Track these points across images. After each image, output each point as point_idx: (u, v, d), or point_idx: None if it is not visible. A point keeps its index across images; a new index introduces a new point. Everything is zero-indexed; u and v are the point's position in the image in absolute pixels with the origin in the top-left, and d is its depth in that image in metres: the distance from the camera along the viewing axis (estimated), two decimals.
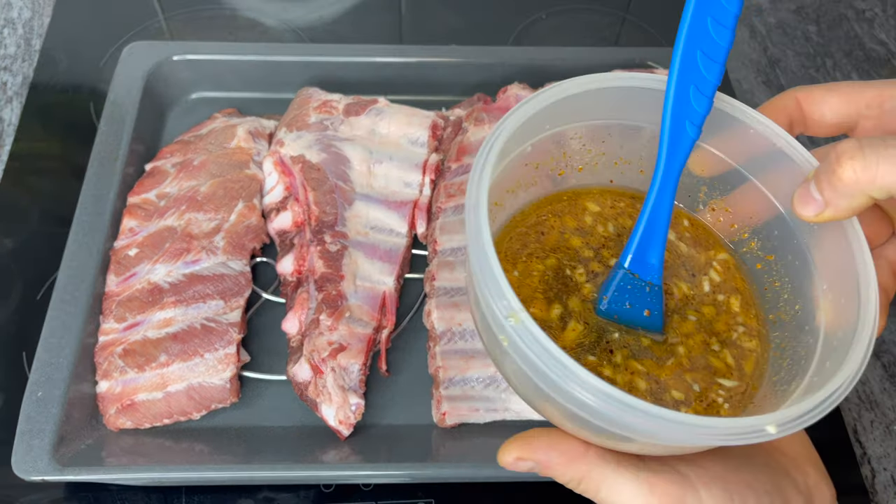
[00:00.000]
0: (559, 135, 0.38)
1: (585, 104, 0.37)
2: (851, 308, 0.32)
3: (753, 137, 0.36)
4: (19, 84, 0.72)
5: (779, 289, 0.38)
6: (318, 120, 0.62)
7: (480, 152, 0.34)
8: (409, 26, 0.80)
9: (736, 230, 0.40)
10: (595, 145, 0.40)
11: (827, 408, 0.29)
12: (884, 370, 0.59)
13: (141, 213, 0.58)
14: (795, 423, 0.28)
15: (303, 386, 0.52)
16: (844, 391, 0.30)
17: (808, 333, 0.34)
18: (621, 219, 0.41)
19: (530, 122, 0.35)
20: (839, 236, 0.33)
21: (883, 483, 0.54)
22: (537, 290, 0.37)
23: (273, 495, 0.51)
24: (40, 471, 0.46)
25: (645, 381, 0.35)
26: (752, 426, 0.28)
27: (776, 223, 0.37)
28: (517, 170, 0.38)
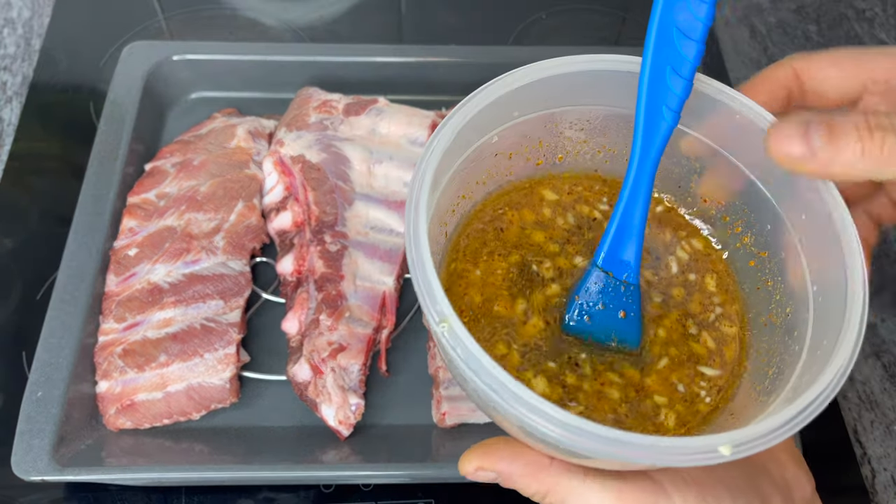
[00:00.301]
0: (531, 123, 0.36)
1: (555, 89, 0.35)
2: (837, 315, 0.30)
3: (742, 124, 0.34)
4: (19, 84, 0.72)
5: (771, 288, 0.36)
6: (317, 120, 0.62)
7: (427, 145, 0.32)
8: (409, 26, 0.80)
9: (729, 223, 0.38)
10: (574, 133, 0.38)
11: (791, 428, 0.27)
12: (884, 370, 0.59)
13: (141, 213, 0.58)
14: (753, 444, 0.26)
15: (303, 386, 0.52)
16: (814, 410, 0.27)
17: (796, 340, 0.33)
18: (579, 206, 0.39)
19: (490, 110, 0.33)
20: (832, 235, 0.31)
21: (883, 483, 0.54)
22: (501, 288, 0.36)
23: (273, 495, 0.51)
24: (40, 471, 0.46)
25: (619, 390, 0.34)
26: (705, 446, 0.26)
27: (769, 216, 0.35)
28: (486, 161, 0.36)
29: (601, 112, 0.37)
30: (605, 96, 0.36)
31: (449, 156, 0.33)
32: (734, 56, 0.79)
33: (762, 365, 0.34)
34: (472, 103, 0.33)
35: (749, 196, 0.36)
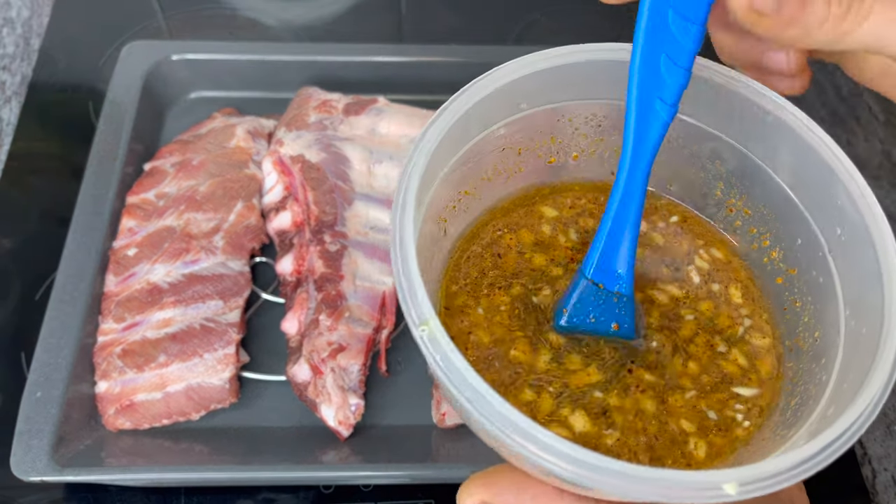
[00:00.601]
0: (540, 116, 0.34)
1: (565, 80, 0.32)
2: (871, 344, 0.27)
3: (774, 127, 0.31)
4: (18, 83, 0.71)
5: (799, 310, 0.33)
6: (317, 119, 0.62)
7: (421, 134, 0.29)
8: (409, 26, 0.80)
9: (756, 235, 0.35)
10: (589, 129, 0.35)
11: (808, 469, 0.24)
12: None
13: (140, 213, 0.58)
14: (763, 484, 0.24)
15: (302, 386, 0.52)
16: (837, 449, 0.25)
17: (824, 368, 0.30)
18: (582, 220, 0.36)
19: (493, 99, 0.31)
20: (870, 255, 0.28)
21: (884, 483, 0.54)
22: (512, 329, 0.33)
23: (273, 496, 0.51)
24: (39, 471, 0.46)
25: (652, 402, 0.31)
26: (708, 482, 0.23)
27: (800, 229, 0.32)
28: (491, 155, 0.34)
29: (617, 107, 0.34)
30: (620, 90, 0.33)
31: (446, 146, 0.30)
32: None
33: (785, 394, 0.32)
34: (472, 91, 0.31)
35: (778, 205, 0.33)
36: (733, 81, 0.31)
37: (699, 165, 0.34)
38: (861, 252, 0.29)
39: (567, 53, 0.32)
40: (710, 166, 0.35)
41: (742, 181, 0.34)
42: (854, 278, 0.30)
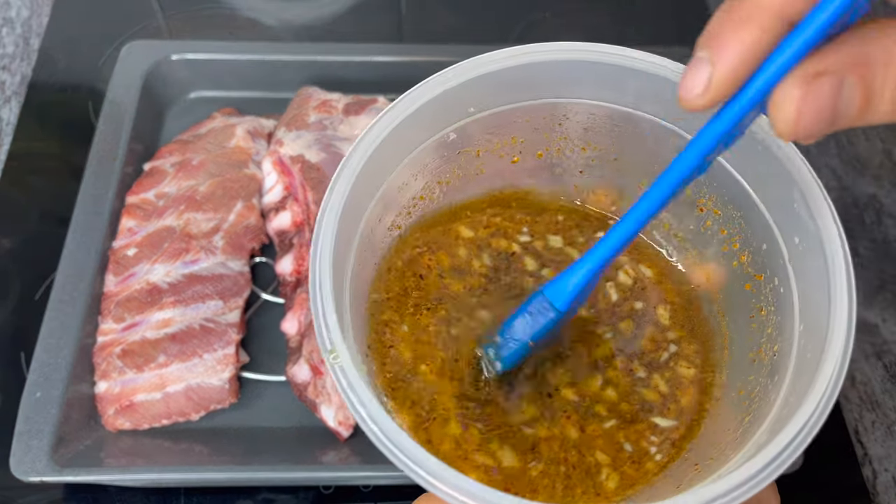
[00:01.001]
0: (496, 117, 0.33)
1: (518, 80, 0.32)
2: (812, 366, 0.26)
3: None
4: (17, 83, 0.71)
5: (765, 319, 0.32)
6: (317, 119, 0.62)
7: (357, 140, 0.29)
8: (409, 25, 0.80)
9: (726, 237, 0.34)
10: (550, 128, 0.35)
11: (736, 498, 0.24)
12: (885, 370, 0.59)
13: (140, 213, 0.58)
14: None
15: (302, 387, 0.51)
16: (760, 481, 0.24)
17: (776, 386, 0.29)
18: (494, 241, 0.36)
19: (434, 106, 0.31)
20: (820, 264, 0.28)
21: (884, 484, 0.54)
22: (435, 348, 0.32)
23: (272, 496, 0.51)
24: (39, 472, 0.46)
25: (574, 428, 0.31)
26: None
27: (765, 234, 0.32)
28: (448, 159, 0.34)
29: (578, 106, 0.34)
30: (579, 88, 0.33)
31: (387, 152, 0.30)
32: None
33: (740, 410, 0.31)
34: (410, 98, 0.31)
35: (745, 207, 0.33)
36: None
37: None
38: (814, 264, 0.28)
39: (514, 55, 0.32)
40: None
41: (710, 181, 0.34)
42: (808, 291, 0.29)
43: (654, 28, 0.80)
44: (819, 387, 0.25)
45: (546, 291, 0.31)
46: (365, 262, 0.32)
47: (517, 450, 0.31)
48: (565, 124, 0.35)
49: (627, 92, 0.33)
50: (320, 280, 0.27)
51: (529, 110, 0.34)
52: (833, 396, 0.25)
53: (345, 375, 0.26)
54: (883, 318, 0.62)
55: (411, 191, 0.34)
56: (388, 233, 0.34)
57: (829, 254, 0.27)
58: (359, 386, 0.26)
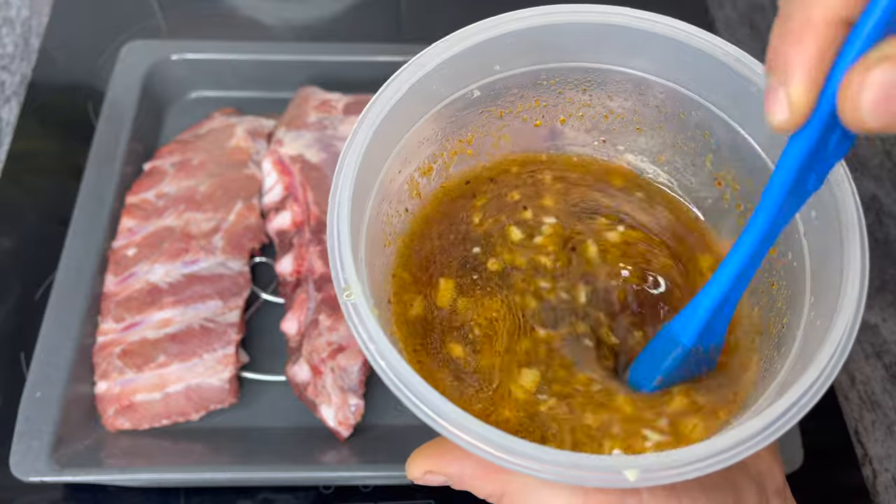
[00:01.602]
0: (518, 79, 0.33)
1: (542, 42, 0.31)
2: (819, 338, 0.26)
3: (758, 99, 0.30)
4: (17, 83, 0.71)
5: (775, 293, 0.32)
6: (317, 119, 0.62)
7: (381, 89, 0.29)
8: (408, 25, 0.80)
9: (742, 212, 0.34)
10: (574, 93, 0.34)
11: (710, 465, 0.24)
12: (885, 370, 0.59)
13: (139, 213, 0.58)
14: (664, 474, 0.23)
15: (302, 387, 0.51)
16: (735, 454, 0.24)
17: (781, 358, 0.29)
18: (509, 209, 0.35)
19: (462, 60, 0.30)
20: (836, 238, 0.27)
21: (884, 484, 0.54)
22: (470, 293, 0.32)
23: (272, 496, 0.51)
24: (39, 472, 0.46)
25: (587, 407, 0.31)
26: (610, 466, 0.24)
27: None
28: (468, 118, 0.33)
29: (603, 72, 0.33)
30: (605, 52, 0.32)
31: (410, 104, 0.30)
32: None
33: (753, 384, 0.31)
34: (435, 51, 0.31)
35: (764, 181, 0.31)
36: (720, 50, 0.31)
37: (688, 135, 0.33)
38: (829, 236, 0.28)
39: (543, 14, 0.31)
40: (699, 137, 0.34)
41: (731, 154, 0.33)
42: (821, 263, 0.29)
43: None
44: (824, 355, 0.25)
45: (673, 325, 0.29)
46: (383, 214, 0.32)
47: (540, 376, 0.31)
48: (590, 90, 0.34)
49: (654, 59, 0.32)
50: (338, 217, 0.27)
51: (555, 72, 0.33)
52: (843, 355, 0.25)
53: (356, 311, 0.26)
54: (883, 318, 0.62)
55: (432, 146, 0.34)
56: (408, 189, 0.34)
57: (845, 222, 0.27)
58: (369, 321, 0.26)
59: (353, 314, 0.26)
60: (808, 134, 0.23)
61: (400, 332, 0.32)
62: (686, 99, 0.33)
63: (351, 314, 0.26)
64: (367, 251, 0.29)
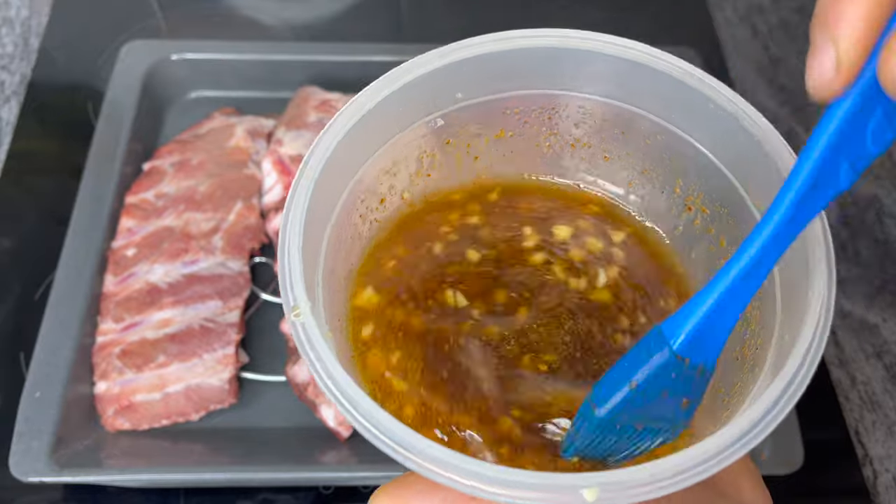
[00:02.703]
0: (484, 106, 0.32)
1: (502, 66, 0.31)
2: (787, 349, 0.25)
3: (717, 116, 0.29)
4: (17, 83, 0.71)
5: (749, 315, 0.30)
6: (317, 119, 0.62)
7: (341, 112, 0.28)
8: (408, 25, 0.80)
9: (713, 235, 0.33)
10: (538, 122, 0.33)
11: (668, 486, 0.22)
12: (885, 371, 0.59)
13: (139, 213, 0.58)
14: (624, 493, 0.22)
15: (302, 387, 0.51)
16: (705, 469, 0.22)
17: (753, 379, 0.27)
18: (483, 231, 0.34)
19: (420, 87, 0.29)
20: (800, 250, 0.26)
21: (885, 484, 0.54)
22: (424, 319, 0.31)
23: (272, 497, 0.51)
24: (38, 472, 0.46)
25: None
26: (568, 485, 0.22)
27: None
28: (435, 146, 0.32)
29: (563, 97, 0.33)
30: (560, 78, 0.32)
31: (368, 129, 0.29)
32: (735, 56, 0.78)
33: (720, 407, 0.29)
34: (393, 76, 0.30)
35: (731, 202, 0.31)
36: (676, 69, 0.30)
37: (655, 160, 0.32)
38: (796, 254, 0.27)
39: (498, 40, 0.31)
40: (667, 162, 0.33)
41: (699, 178, 0.32)
42: (789, 279, 0.27)
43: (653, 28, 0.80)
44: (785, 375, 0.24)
45: (664, 327, 0.26)
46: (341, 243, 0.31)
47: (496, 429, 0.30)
48: (555, 118, 0.34)
49: (622, 86, 0.32)
50: (289, 244, 0.27)
51: (517, 100, 0.33)
52: (796, 390, 0.24)
53: (304, 331, 0.25)
54: (883, 318, 0.62)
55: (394, 176, 0.33)
56: (367, 223, 0.33)
57: (810, 238, 0.26)
58: (318, 341, 0.25)
59: (301, 332, 0.26)
60: (848, 103, 0.21)
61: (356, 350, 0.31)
62: (658, 127, 0.32)
63: (299, 333, 0.26)
64: (323, 276, 0.29)
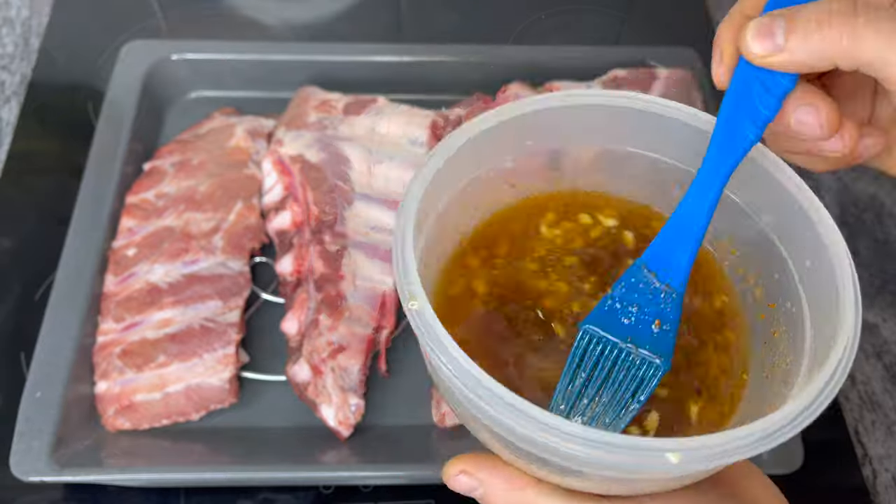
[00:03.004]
0: (550, 154, 0.35)
1: (575, 121, 0.34)
2: (821, 358, 0.28)
3: (751, 170, 0.33)
4: (17, 83, 0.71)
5: (777, 339, 0.33)
6: (317, 119, 0.62)
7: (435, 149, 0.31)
8: (408, 25, 0.80)
9: (742, 275, 0.35)
10: (600, 172, 0.36)
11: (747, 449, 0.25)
12: (885, 370, 0.59)
13: (139, 213, 0.58)
14: (706, 455, 0.25)
15: (302, 386, 0.51)
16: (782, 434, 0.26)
17: (790, 389, 0.30)
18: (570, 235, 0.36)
19: (502, 133, 0.33)
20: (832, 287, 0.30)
21: (884, 484, 0.54)
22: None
23: (272, 496, 0.51)
24: (39, 471, 0.46)
25: None
26: (652, 448, 0.25)
27: (777, 265, 0.33)
28: (496, 187, 0.35)
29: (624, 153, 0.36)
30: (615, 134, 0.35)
31: (458, 164, 0.32)
32: None
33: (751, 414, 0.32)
34: (477, 122, 0.33)
35: (760, 244, 0.34)
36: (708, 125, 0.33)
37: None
38: (823, 277, 0.30)
39: (578, 96, 0.33)
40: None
41: (728, 222, 0.35)
42: (817, 301, 0.31)
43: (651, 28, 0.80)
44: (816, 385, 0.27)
45: (651, 265, 0.32)
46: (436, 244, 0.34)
47: None
48: (609, 169, 0.37)
49: (663, 142, 0.35)
50: (404, 225, 0.30)
51: (578, 150, 0.36)
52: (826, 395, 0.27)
53: (420, 318, 0.28)
54: (883, 318, 0.62)
55: (486, 186, 0.36)
56: (466, 219, 0.36)
57: (836, 262, 0.30)
58: (436, 327, 0.27)
59: (418, 320, 0.28)
60: (735, 86, 0.30)
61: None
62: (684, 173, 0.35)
63: (415, 320, 0.28)
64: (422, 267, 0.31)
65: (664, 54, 0.68)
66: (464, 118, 0.64)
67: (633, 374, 0.31)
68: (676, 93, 0.64)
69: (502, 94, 0.65)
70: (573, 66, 0.67)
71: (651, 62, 0.67)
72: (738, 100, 0.30)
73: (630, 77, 0.64)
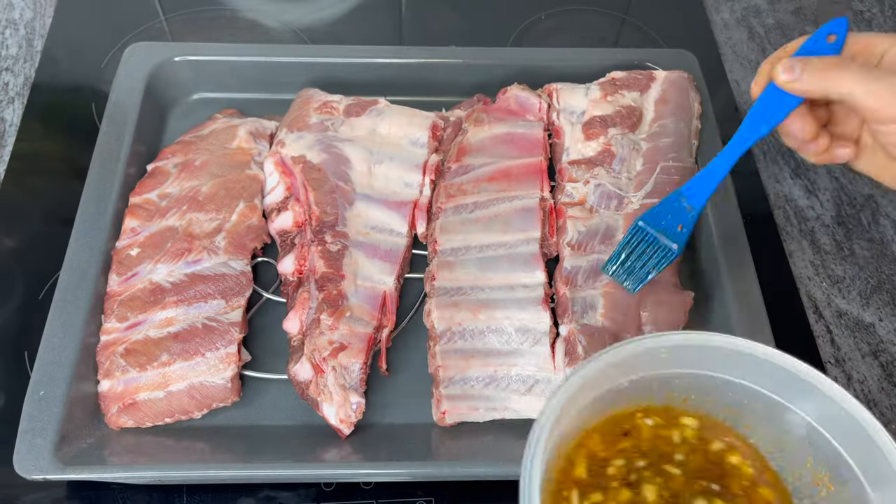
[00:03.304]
0: (654, 379, 0.40)
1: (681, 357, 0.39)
2: None
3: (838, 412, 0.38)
4: (21, 84, 0.72)
5: (819, 481, 0.39)
6: (318, 120, 0.62)
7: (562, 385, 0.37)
8: (409, 27, 0.80)
9: None
10: (701, 398, 0.41)
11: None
12: (882, 370, 0.60)
13: (142, 213, 0.58)
14: None
15: (304, 385, 0.52)
16: None
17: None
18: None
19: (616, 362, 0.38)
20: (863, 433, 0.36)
21: None
22: None
23: (274, 494, 0.51)
24: (42, 470, 0.47)
25: None
26: None
27: (856, 488, 0.38)
28: (613, 401, 0.40)
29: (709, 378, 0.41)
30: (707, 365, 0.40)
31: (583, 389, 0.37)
32: (732, 57, 0.79)
33: None
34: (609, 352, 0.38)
35: (846, 480, 0.38)
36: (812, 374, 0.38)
37: (783, 432, 0.40)
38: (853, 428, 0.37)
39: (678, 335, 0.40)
40: (796, 437, 0.40)
41: (827, 460, 0.39)
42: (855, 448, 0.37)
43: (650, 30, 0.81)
44: None
45: (685, 193, 0.53)
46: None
47: None
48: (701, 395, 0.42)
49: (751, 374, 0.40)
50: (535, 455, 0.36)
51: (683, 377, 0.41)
52: None
53: None
54: (879, 318, 0.62)
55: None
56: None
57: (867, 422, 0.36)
58: None
59: None
60: (762, 98, 0.49)
61: None
62: (778, 406, 0.40)
63: None
64: None
65: (663, 56, 0.69)
66: (464, 120, 0.65)
67: (657, 254, 0.52)
68: (674, 94, 0.64)
69: (502, 96, 0.65)
70: (572, 68, 0.67)
71: (649, 64, 0.68)
72: (763, 108, 0.48)
73: (628, 79, 0.65)
